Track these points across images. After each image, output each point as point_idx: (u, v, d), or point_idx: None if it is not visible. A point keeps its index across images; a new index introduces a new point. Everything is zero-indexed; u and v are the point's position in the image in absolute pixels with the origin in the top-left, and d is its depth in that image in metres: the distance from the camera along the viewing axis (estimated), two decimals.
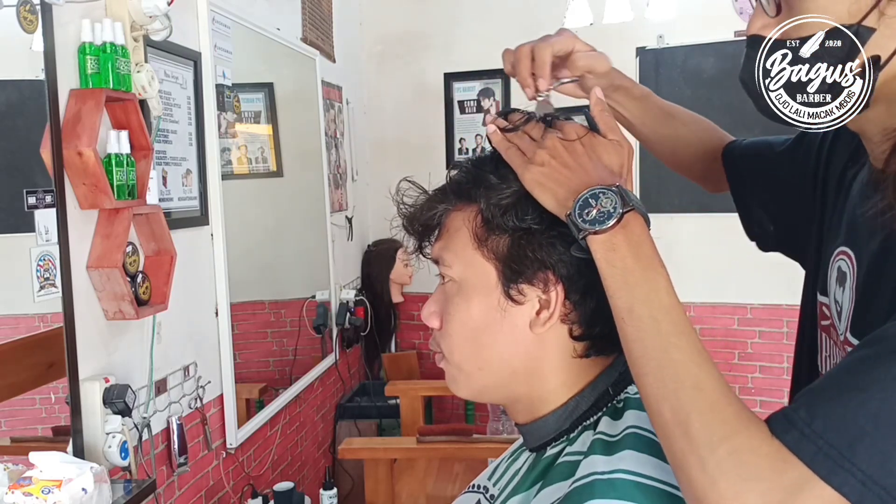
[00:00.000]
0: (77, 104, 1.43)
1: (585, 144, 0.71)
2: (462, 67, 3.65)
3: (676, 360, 0.62)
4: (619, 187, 0.66)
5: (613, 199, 0.65)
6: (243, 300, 2.34)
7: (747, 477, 0.56)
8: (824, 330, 0.84)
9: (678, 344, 0.62)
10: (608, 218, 0.65)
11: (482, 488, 0.82)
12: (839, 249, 0.79)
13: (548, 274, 0.69)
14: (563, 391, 0.72)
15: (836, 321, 0.78)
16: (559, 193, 0.68)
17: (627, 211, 0.65)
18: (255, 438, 2.30)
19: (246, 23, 2.30)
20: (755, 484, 0.56)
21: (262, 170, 2.61)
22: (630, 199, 0.66)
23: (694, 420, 0.59)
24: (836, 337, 0.79)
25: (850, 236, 0.77)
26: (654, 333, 0.63)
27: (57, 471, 1.21)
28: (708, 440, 0.58)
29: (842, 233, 0.79)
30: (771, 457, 0.57)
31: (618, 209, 0.65)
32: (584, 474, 0.63)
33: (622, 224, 0.65)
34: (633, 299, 0.64)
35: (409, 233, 0.78)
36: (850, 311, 0.74)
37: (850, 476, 0.54)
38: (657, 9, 3.11)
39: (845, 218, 0.80)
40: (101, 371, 1.52)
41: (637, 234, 0.66)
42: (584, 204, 0.66)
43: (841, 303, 0.77)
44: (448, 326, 0.74)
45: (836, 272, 0.79)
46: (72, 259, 1.43)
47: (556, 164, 0.69)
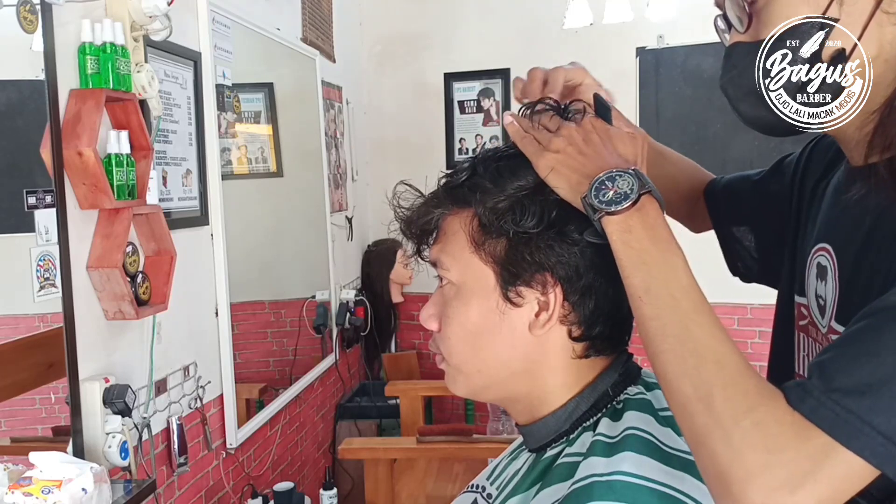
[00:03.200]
0: (77, 104, 1.43)
1: (601, 133, 0.72)
2: (462, 67, 3.65)
3: (697, 336, 0.62)
4: (635, 170, 0.67)
5: (630, 181, 0.66)
6: (243, 300, 2.34)
7: (773, 448, 0.56)
8: (802, 330, 0.84)
9: (698, 321, 0.62)
10: (625, 199, 0.65)
11: (479, 488, 0.82)
12: (817, 247, 0.79)
13: (546, 276, 0.69)
14: (563, 392, 0.72)
15: (818, 317, 0.79)
16: (573, 178, 0.68)
17: (644, 192, 0.66)
18: (255, 438, 2.30)
19: (246, 23, 2.30)
20: (781, 455, 0.56)
21: (262, 170, 2.61)
22: (646, 182, 0.66)
23: (717, 394, 0.59)
24: (815, 333, 0.80)
25: (827, 233, 0.78)
26: (672, 311, 0.63)
27: (57, 471, 1.21)
28: (732, 413, 0.58)
29: (817, 232, 0.81)
30: (795, 426, 0.57)
31: (635, 190, 0.65)
32: (583, 476, 0.63)
33: (638, 206, 0.65)
34: (650, 279, 0.64)
35: (407, 237, 0.78)
36: (835, 300, 0.75)
37: (870, 440, 0.55)
38: (657, 9, 3.11)
39: (820, 219, 0.81)
40: (101, 371, 1.52)
41: (653, 216, 0.66)
42: (601, 186, 0.66)
43: (824, 296, 0.78)
44: (447, 329, 0.74)
45: (815, 268, 0.79)
46: (72, 259, 1.43)
47: (571, 151, 0.70)
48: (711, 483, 0.60)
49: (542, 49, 3.42)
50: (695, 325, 0.62)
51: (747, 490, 0.56)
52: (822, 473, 0.55)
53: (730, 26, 0.74)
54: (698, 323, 0.62)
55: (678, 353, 0.62)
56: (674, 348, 0.62)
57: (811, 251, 0.80)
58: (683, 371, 0.61)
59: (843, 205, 0.76)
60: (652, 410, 0.68)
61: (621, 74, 3.34)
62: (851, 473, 0.56)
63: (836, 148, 0.84)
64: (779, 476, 0.56)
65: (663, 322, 0.63)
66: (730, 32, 0.74)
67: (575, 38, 3.33)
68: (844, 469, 0.56)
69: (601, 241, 0.67)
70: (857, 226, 0.72)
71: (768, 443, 0.57)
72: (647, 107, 3.33)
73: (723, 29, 0.76)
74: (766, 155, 3.36)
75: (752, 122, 0.74)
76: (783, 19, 0.66)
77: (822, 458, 0.56)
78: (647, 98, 3.35)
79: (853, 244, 0.72)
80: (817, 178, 0.86)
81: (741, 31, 0.71)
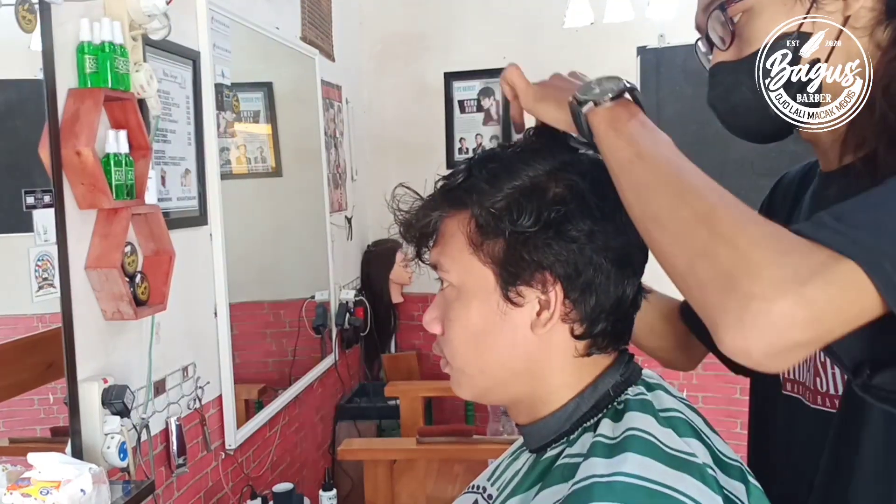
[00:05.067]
0: (75, 104, 1.42)
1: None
2: (462, 67, 3.64)
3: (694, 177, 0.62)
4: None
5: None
6: (242, 300, 2.34)
7: (783, 250, 0.55)
8: None
9: (694, 170, 0.63)
10: (609, 92, 0.69)
11: (480, 488, 0.82)
12: None
13: (545, 274, 0.69)
14: (565, 392, 0.72)
15: None
16: (560, 97, 0.72)
17: (630, 89, 0.69)
18: (254, 439, 2.29)
19: (245, 22, 2.30)
20: (790, 256, 0.55)
21: (261, 169, 2.61)
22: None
23: (720, 212, 0.58)
24: None
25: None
26: (666, 164, 0.64)
27: (55, 472, 1.21)
28: (736, 222, 0.57)
29: None
30: (802, 241, 0.56)
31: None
32: (583, 476, 0.63)
33: (623, 102, 0.69)
34: (640, 148, 0.65)
35: (407, 240, 0.77)
36: None
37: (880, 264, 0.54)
38: (658, 8, 3.10)
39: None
40: (99, 371, 1.52)
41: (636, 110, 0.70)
42: (587, 87, 0.70)
43: None
44: (449, 332, 0.74)
45: None
46: (70, 259, 1.43)
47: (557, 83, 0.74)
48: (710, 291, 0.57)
49: (542, 49, 3.42)
50: (690, 172, 0.63)
51: (755, 280, 0.54)
52: (831, 276, 0.54)
53: (711, 47, 0.78)
54: (694, 171, 0.63)
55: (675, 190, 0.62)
56: (669, 187, 0.62)
57: None
58: (682, 201, 0.60)
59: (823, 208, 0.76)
60: (653, 411, 0.68)
61: (622, 74, 3.32)
62: (858, 289, 0.54)
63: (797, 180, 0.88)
64: (788, 270, 0.54)
65: (657, 174, 0.63)
66: (711, 54, 0.79)
67: (575, 37, 3.33)
68: (853, 280, 0.54)
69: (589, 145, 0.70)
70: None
71: (777, 245, 0.55)
72: (647, 106, 3.26)
73: (704, 52, 0.80)
74: (766, 155, 3.33)
75: (739, 132, 0.79)
76: (764, 35, 0.70)
77: (831, 264, 0.54)
78: (647, 98, 3.28)
79: None
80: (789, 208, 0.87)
81: (723, 50, 0.75)
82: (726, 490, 0.64)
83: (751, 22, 0.72)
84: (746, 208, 0.60)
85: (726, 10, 0.73)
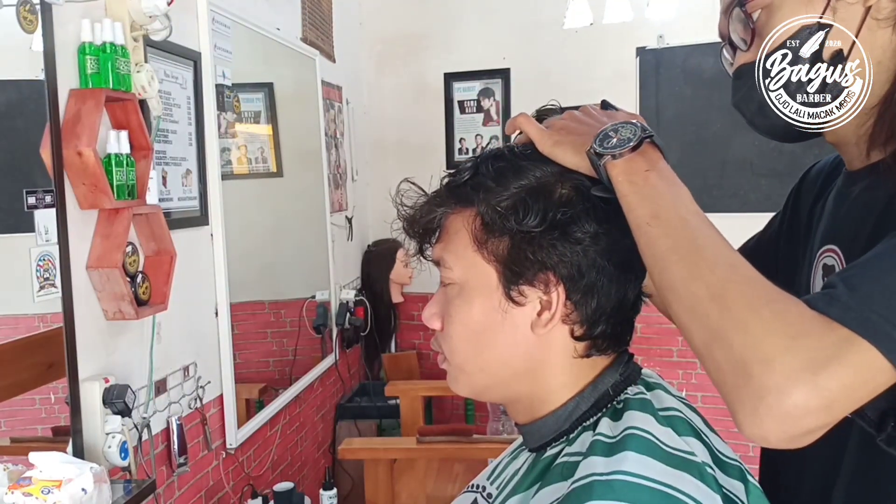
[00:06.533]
0: (77, 104, 1.43)
1: (599, 111, 0.75)
2: (462, 67, 3.64)
3: (709, 246, 0.62)
4: (638, 122, 0.68)
5: (632, 129, 0.68)
6: (243, 300, 2.34)
7: (795, 334, 0.55)
8: None
9: (709, 235, 0.63)
10: (627, 142, 0.67)
11: (479, 487, 0.82)
12: (823, 248, 0.80)
13: (548, 275, 0.69)
14: (564, 392, 0.72)
15: None
16: (577, 142, 0.70)
17: (647, 137, 0.67)
18: (254, 439, 2.30)
19: (246, 23, 2.30)
20: (804, 340, 0.55)
21: (261, 170, 2.61)
22: (648, 129, 0.68)
23: (732, 290, 0.58)
24: None
25: (833, 234, 0.79)
26: (682, 228, 0.63)
27: (57, 471, 1.21)
28: (749, 304, 0.57)
29: (821, 237, 0.81)
30: (816, 319, 0.56)
31: (637, 135, 0.67)
32: (582, 475, 0.63)
33: (642, 150, 0.67)
34: (657, 207, 0.64)
35: (410, 235, 0.77)
36: None
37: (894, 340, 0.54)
38: (657, 9, 3.10)
39: (822, 226, 0.82)
40: (100, 371, 1.52)
41: (656, 158, 0.68)
42: (604, 136, 0.68)
43: None
44: (449, 328, 0.74)
45: (821, 269, 0.79)
46: (71, 259, 1.43)
47: (572, 125, 0.72)
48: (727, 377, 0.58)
49: (542, 49, 3.43)
50: (706, 238, 0.62)
51: (768, 371, 0.54)
52: (845, 360, 0.54)
53: (734, 51, 0.77)
54: (710, 237, 0.62)
55: (690, 261, 0.61)
56: (685, 258, 0.61)
57: (818, 253, 0.80)
58: (696, 275, 0.60)
59: (847, 206, 0.76)
60: (652, 410, 0.68)
61: (621, 74, 3.34)
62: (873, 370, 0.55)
63: (826, 172, 0.87)
64: (801, 358, 0.54)
65: (673, 238, 0.63)
66: (734, 58, 0.78)
67: (575, 37, 3.33)
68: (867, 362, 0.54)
69: (608, 195, 0.68)
70: (861, 224, 0.72)
71: (789, 330, 0.55)
72: (647, 107, 3.32)
73: (729, 61, 0.79)
74: (766, 155, 3.35)
75: (766, 131, 0.77)
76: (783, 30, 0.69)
77: (845, 347, 0.54)
78: (647, 98, 3.35)
79: (859, 241, 0.72)
80: (812, 203, 0.87)
81: (744, 50, 0.74)
82: (725, 489, 0.65)
83: (771, 18, 0.71)
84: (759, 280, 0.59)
85: (745, 7, 0.73)
